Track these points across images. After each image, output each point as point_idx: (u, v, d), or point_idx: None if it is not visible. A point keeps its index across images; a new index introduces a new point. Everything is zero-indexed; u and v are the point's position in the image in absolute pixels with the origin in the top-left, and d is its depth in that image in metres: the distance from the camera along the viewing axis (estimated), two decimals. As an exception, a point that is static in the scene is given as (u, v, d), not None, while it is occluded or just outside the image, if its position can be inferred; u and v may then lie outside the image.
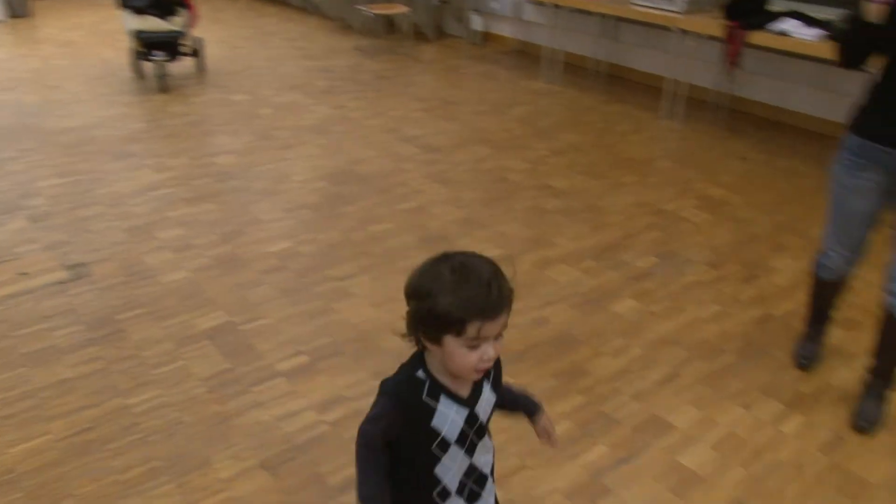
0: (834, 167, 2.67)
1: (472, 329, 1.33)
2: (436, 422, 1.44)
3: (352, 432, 2.50)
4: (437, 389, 1.44)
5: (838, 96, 5.61)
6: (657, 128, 5.85)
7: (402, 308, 1.42)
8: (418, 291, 1.37)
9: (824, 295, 2.96)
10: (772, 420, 2.73)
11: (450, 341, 1.35)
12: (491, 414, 1.55)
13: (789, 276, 3.68)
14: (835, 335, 3.19)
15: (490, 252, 3.68)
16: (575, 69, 7.30)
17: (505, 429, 2.56)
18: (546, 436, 1.69)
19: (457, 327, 1.33)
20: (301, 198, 4.25)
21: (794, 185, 4.80)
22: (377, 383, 2.62)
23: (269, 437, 2.50)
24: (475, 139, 5.32)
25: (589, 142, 5.40)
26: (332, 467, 2.38)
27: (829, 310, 3.02)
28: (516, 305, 1.41)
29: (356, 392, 2.72)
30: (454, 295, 1.31)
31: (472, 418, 1.48)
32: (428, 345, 1.41)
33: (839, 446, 2.64)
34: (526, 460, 2.46)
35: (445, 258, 1.38)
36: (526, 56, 7.82)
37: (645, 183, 4.72)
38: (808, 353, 3.03)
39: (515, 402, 1.68)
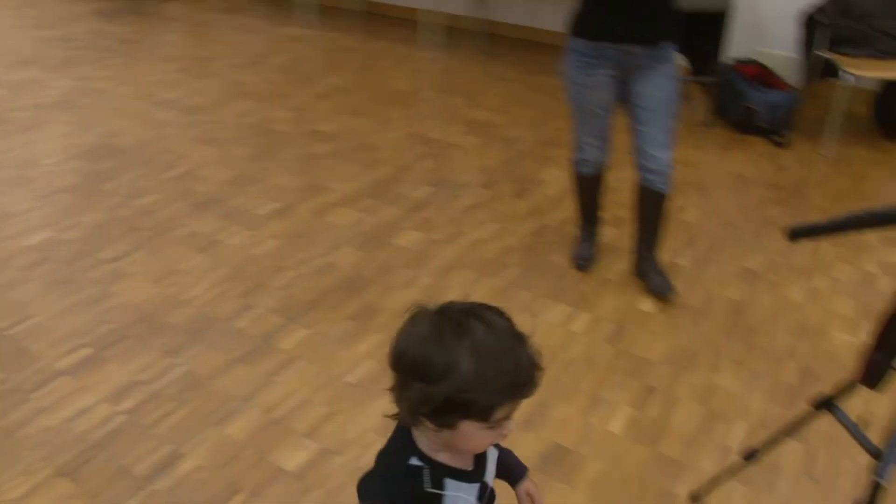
0: (567, 71, 2.86)
1: (501, 412, 1.09)
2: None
3: (151, 417, 2.42)
4: (440, 474, 1.18)
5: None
6: (418, 60, 5.91)
7: (183, 279, 1.30)
8: (427, 371, 1.06)
9: (589, 191, 3.16)
10: (561, 322, 2.90)
11: (469, 426, 1.10)
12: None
13: (558, 186, 3.88)
14: (605, 234, 3.41)
15: (268, 206, 3.65)
16: (330, 10, 7.18)
17: (308, 381, 2.56)
18: (530, 500, 1.44)
19: (484, 414, 1.08)
20: (55, 181, 3.93)
21: (553, 99, 5.03)
22: (170, 361, 2.51)
23: (61, 442, 2.33)
24: (236, 94, 5.13)
25: (352, 82, 5.37)
26: (136, 457, 2.27)
27: (597, 209, 3.24)
28: (301, 255, 1.34)
29: (150, 374, 2.59)
30: (480, 376, 1.04)
31: (483, 490, 1.26)
32: (433, 428, 1.12)
33: (622, 335, 2.85)
34: (333, 406, 2.46)
35: (449, 319, 1.09)
36: (279, 3, 7.59)
37: (412, 115, 4.77)
38: (585, 255, 3.24)
39: (501, 467, 1.41)
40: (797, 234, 1.49)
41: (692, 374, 2.68)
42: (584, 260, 3.22)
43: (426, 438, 1.17)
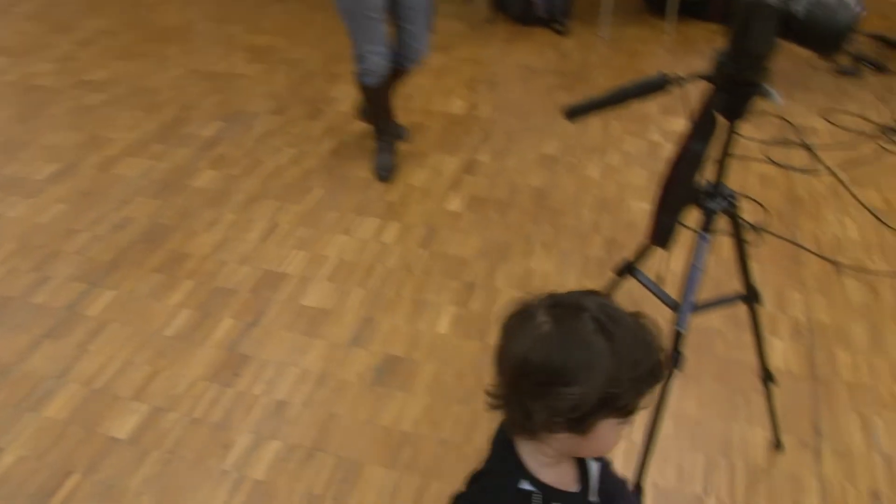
0: None
1: (643, 401, 0.98)
2: None
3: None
4: (550, 498, 1.04)
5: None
6: (185, -10, 5.56)
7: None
8: (569, 373, 0.92)
9: (379, 101, 3.14)
10: (373, 236, 2.90)
11: (606, 425, 0.97)
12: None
13: (349, 101, 3.81)
14: (403, 141, 3.41)
15: (46, 169, 3.37)
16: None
17: (124, 343, 2.44)
18: None
19: (628, 407, 0.96)
20: None
21: (332, 16, 4.79)
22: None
23: None
24: (-14, 53, 4.65)
25: (117, 22, 4.97)
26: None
27: (391, 118, 3.22)
28: (92, 215, 1.22)
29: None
30: (624, 367, 0.93)
31: None
32: (567, 435, 0.98)
33: (434, 238, 2.89)
34: (156, 363, 2.36)
35: (568, 311, 0.96)
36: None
37: (189, 50, 4.50)
38: (386, 165, 3.23)
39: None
40: (573, 112, 1.54)
41: (507, 263, 2.77)
42: (386, 170, 3.22)
43: (540, 454, 1.04)
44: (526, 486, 1.03)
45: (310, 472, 2.05)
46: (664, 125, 3.66)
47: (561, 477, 1.07)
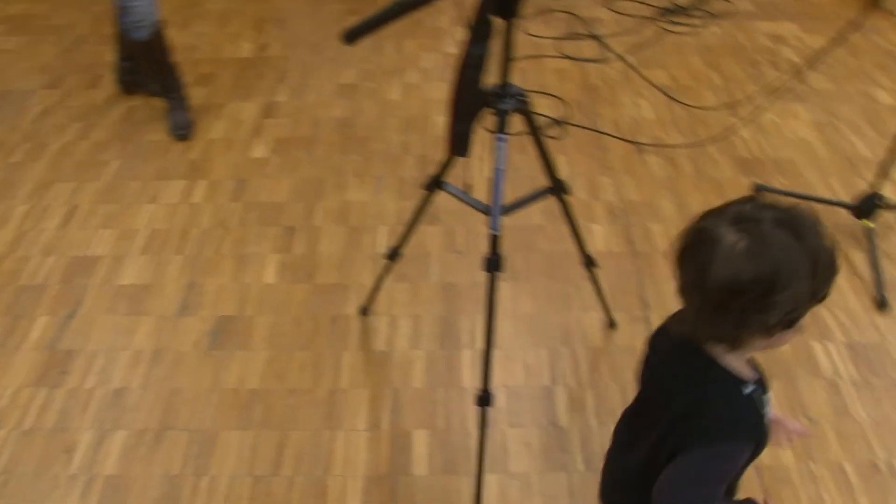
0: None
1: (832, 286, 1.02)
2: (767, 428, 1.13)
3: None
4: (760, 391, 1.11)
5: None
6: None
7: None
8: (777, 281, 0.94)
9: (156, 56, 2.95)
10: (181, 198, 2.78)
11: (805, 317, 1.02)
12: None
13: (130, 61, 3.58)
14: (196, 95, 3.25)
15: None
16: None
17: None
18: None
19: (825, 294, 1.01)
20: None
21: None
22: None
23: None
24: None
25: None
26: None
27: (174, 72, 3.04)
28: None
29: None
30: (819, 257, 0.96)
31: None
32: (781, 334, 1.01)
33: (244, 188, 2.81)
34: (-30, 379, 2.19)
35: (756, 220, 0.97)
36: None
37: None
38: (182, 123, 3.08)
39: None
40: (352, 35, 1.50)
41: (323, 200, 2.73)
42: (183, 128, 3.06)
43: (741, 357, 1.09)
44: (745, 389, 1.08)
45: (163, 454, 1.98)
46: (457, 36, 3.67)
47: (749, 368, 1.12)
